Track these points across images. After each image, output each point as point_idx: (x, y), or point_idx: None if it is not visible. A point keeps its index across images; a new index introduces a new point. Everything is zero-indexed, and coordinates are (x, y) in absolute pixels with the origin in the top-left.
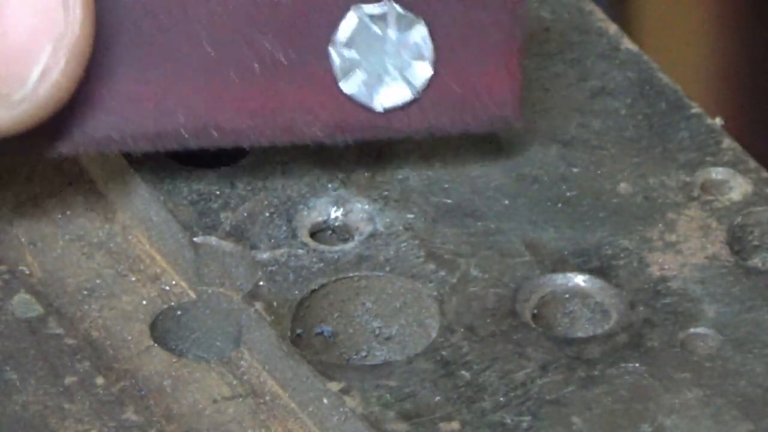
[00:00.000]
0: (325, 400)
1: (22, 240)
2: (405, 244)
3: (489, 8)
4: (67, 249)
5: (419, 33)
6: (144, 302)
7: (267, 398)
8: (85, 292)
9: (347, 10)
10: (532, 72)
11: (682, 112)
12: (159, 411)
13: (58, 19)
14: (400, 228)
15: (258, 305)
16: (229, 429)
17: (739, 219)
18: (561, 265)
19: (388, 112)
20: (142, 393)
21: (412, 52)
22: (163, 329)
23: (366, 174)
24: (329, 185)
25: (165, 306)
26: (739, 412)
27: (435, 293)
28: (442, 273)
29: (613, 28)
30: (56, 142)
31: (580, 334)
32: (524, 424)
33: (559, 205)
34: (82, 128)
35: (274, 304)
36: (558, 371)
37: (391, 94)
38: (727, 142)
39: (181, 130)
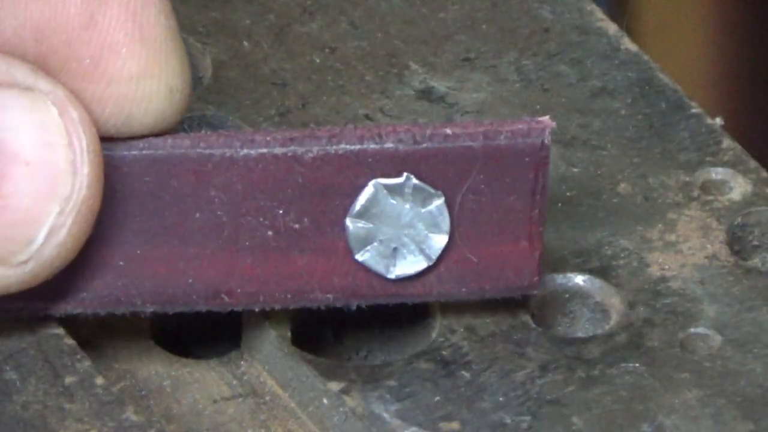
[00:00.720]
0: (325, 400)
1: None
2: None
3: (511, 180)
4: None
5: (436, 205)
6: None
7: (267, 398)
8: None
9: (366, 185)
10: (532, 72)
11: (682, 112)
12: (159, 411)
13: (65, 181)
14: None
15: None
16: (229, 429)
17: (739, 219)
18: (561, 265)
19: (403, 279)
20: (142, 393)
21: (429, 224)
22: (163, 329)
23: None
24: None
25: None
26: (739, 412)
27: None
28: None
29: (613, 28)
30: (63, 301)
31: (580, 334)
32: (524, 424)
33: (559, 205)
34: (90, 288)
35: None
36: (558, 371)
37: (405, 265)
38: (727, 142)
39: (191, 295)
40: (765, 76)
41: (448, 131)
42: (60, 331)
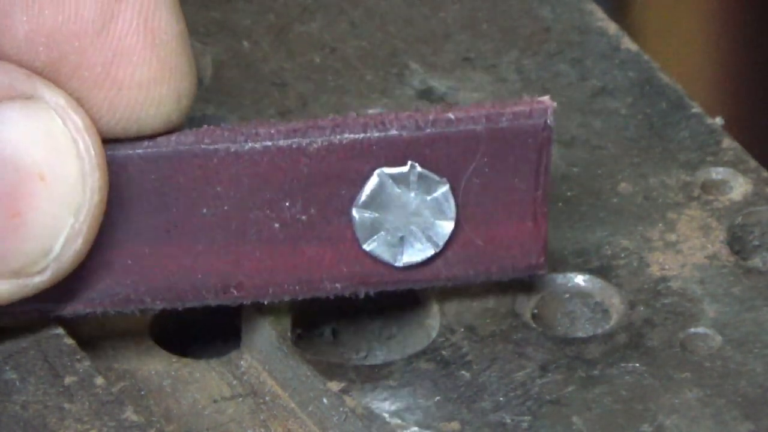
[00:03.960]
0: (325, 400)
1: None
2: None
3: (515, 161)
4: None
5: (442, 193)
6: None
7: (267, 398)
8: None
9: (371, 173)
10: (532, 72)
11: (682, 112)
12: (159, 411)
13: (78, 190)
14: None
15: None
16: (229, 429)
17: (739, 219)
18: (561, 265)
19: (411, 266)
20: (142, 393)
21: (435, 212)
22: (163, 329)
23: None
24: None
25: None
26: (739, 412)
27: (435, 293)
28: None
29: (613, 28)
30: (73, 301)
31: (580, 334)
32: (524, 424)
33: (559, 205)
34: (100, 288)
35: (274, 304)
36: (558, 371)
37: (413, 253)
38: (727, 142)
39: (201, 290)
40: (765, 76)
41: (451, 116)
42: (60, 331)
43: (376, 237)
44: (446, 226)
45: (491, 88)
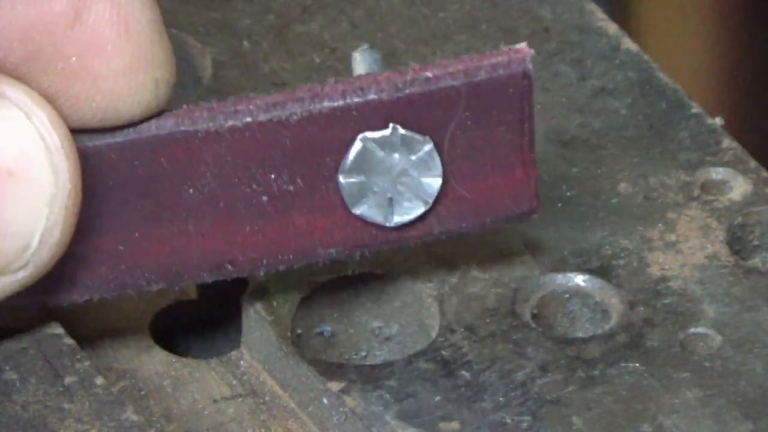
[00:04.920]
0: (325, 400)
1: None
2: None
3: (498, 112)
4: None
5: (426, 151)
6: (144, 302)
7: (267, 398)
8: None
9: (354, 139)
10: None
11: (682, 112)
12: (159, 411)
13: (49, 182)
14: None
15: (258, 305)
16: (229, 429)
17: (739, 219)
18: (561, 265)
19: (403, 226)
20: (142, 393)
21: (421, 170)
22: (163, 329)
23: None
24: None
25: (165, 305)
26: (739, 412)
27: (435, 293)
28: (442, 273)
29: (613, 28)
30: (68, 292)
31: (580, 334)
32: (524, 424)
33: (559, 205)
34: (94, 276)
35: (274, 304)
36: (558, 371)
37: (403, 212)
38: (727, 142)
39: (195, 269)
40: (765, 76)
41: (429, 74)
42: (60, 331)
43: (364, 200)
44: (434, 183)
45: None
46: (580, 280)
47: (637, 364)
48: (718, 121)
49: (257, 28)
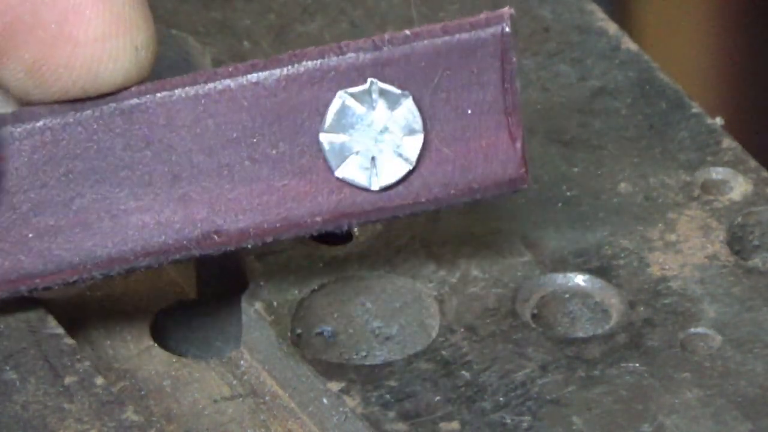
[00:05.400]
0: (325, 400)
1: None
2: (405, 244)
3: (478, 72)
4: None
5: (406, 106)
6: (144, 302)
7: (267, 398)
8: (88, 292)
9: (333, 97)
10: (532, 72)
11: (682, 112)
12: (159, 411)
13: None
14: (401, 228)
15: (258, 305)
16: (229, 429)
17: (739, 219)
18: (561, 265)
19: (388, 189)
20: (142, 393)
21: (402, 127)
22: (163, 329)
23: None
24: None
25: (165, 305)
26: (739, 412)
27: (435, 293)
28: (442, 273)
29: (613, 28)
30: (58, 270)
31: (580, 334)
32: (524, 424)
33: (559, 205)
34: (81, 251)
35: (274, 304)
36: (558, 371)
37: (387, 173)
38: (727, 142)
39: (182, 241)
40: (765, 76)
41: (407, 32)
42: (60, 331)
43: (347, 161)
44: (416, 141)
45: None
46: (580, 280)
47: (637, 364)
48: (718, 121)
49: (257, 28)
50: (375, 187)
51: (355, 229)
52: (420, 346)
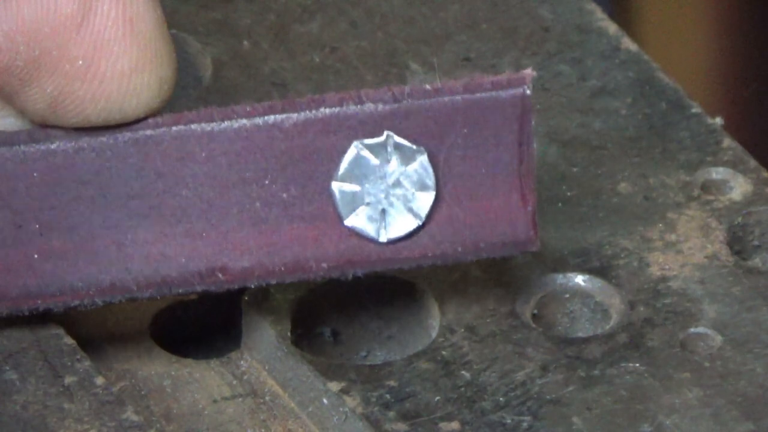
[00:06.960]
0: (325, 400)
1: None
2: None
3: (495, 132)
4: None
5: (420, 162)
6: (144, 302)
7: (267, 398)
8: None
9: (349, 146)
10: None
11: (682, 112)
12: (159, 411)
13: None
14: None
15: (258, 305)
16: (229, 429)
17: (739, 219)
18: (561, 265)
19: (396, 242)
20: (142, 393)
21: (415, 182)
22: (163, 329)
23: None
24: None
25: (165, 305)
26: (739, 412)
27: (435, 293)
28: (442, 273)
29: (613, 28)
30: (60, 293)
31: (580, 334)
32: (524, 424)
33: (559, 205)
34: (85, 277)
35: (274, 304)
36: (558, 371)
37: (396, 226)
38: (727, 142)
39: (186, 275)
40: (765, 76)
41: (428, 87)
42: (60, 331)
43: (357, 211)
44: (427, 197)
45: None
46: (580, 280)
47: (637, 364)
48: (718, 121)
49: (257, 28)
50: (383, 239)
51: None
52: (420, 346)
